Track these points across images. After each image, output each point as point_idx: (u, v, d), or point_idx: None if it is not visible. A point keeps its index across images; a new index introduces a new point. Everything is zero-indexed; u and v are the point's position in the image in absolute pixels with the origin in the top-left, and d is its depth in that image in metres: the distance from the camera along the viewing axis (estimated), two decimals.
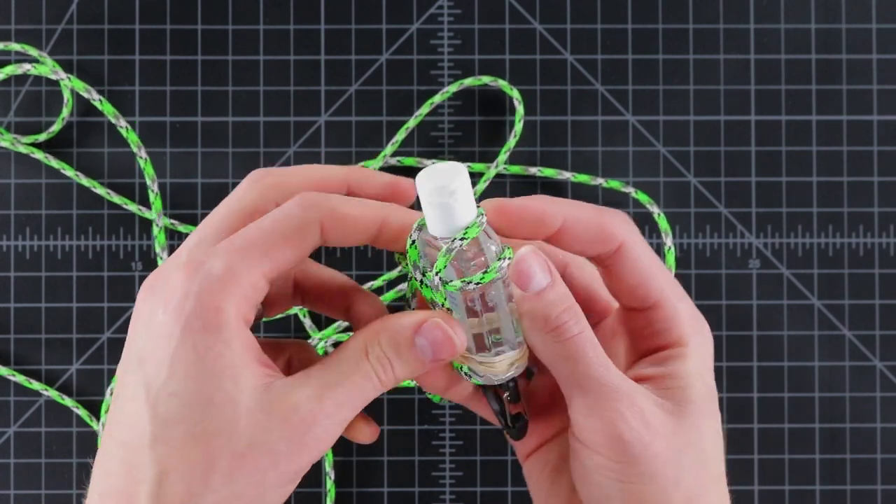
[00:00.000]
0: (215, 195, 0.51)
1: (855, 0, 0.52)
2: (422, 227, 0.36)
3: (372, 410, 0.51)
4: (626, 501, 0.36)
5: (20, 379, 0.50)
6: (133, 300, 0.50)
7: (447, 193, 0.34)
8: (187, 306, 0.34)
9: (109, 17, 0.52)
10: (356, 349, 0.37)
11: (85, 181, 0.51)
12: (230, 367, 0.34)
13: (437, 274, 0.35)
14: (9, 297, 0.51)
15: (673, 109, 0.52)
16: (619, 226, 0.39)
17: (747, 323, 0.51)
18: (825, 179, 0.52)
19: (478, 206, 0.36)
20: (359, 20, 0.52)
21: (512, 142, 0.51)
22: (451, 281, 0.35)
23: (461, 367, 0.38)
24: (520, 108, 0.51)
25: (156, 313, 0.35)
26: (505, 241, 0.37)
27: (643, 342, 0.40)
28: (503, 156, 0.50)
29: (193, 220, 0.51)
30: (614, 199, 0.52)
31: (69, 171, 0.51)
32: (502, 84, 0.51)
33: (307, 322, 0.51)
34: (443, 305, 0.36)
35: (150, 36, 0.52)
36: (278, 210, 0.36)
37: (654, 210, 0.51)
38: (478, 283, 0.35)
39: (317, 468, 0.51)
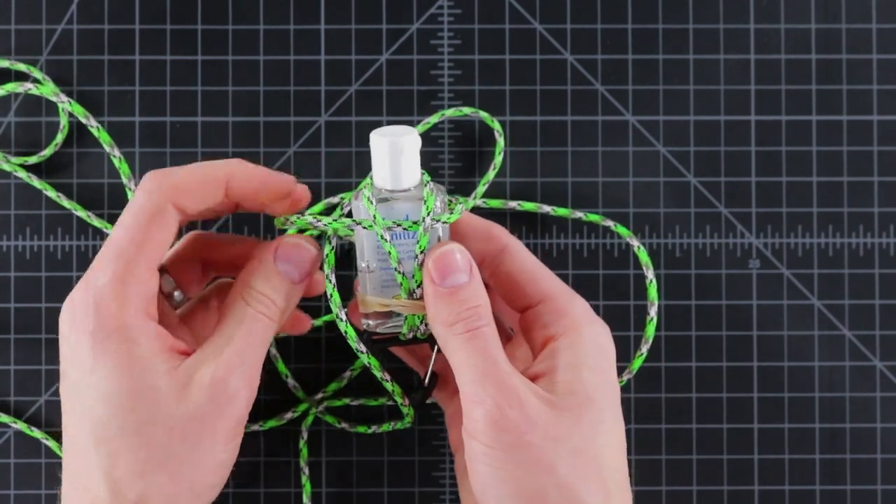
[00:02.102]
0: None
1: (855, 0, 0.52)
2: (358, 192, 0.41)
3: (373, 412, 0.51)
4: (502, 489, 0.39)
5: None
6: None
7: (398, 150, 0.40)
8: (89, 321, 0.38)
9: (109, 17, 0.52)
10: (236, 300, 0.41)
11: (66, 203, 0.50)
12: (141, 360, 0.38)
13: (428, 214, 0.40)
14: (9, 297, 0.51)
15: (673, 109, 0.52)
16: (504, 231, 0.43)
17: (747, 323, 0.51)
18: (825, 179, 0.52)
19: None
20: (359, 20, 0.52)
21: (491, 174, 0.50)
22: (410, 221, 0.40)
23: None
24: (500, 141, 0.50)
25: (70, 335, 0.39)
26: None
27: (537, 337, 0.42)
28: (482, 188, 0.50)
29: (194, 221, 0.51)
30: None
31: (51, 193, 0.50)
32: (484, 116, 0.50)
33: (290, 382, 0.51)
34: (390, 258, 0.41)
35: (150, 36, 0.52)
36: (130, 204, 0.40)
37: (634, 243, 0.50)
38: (444, 222, 0.41)
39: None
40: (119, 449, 0.38)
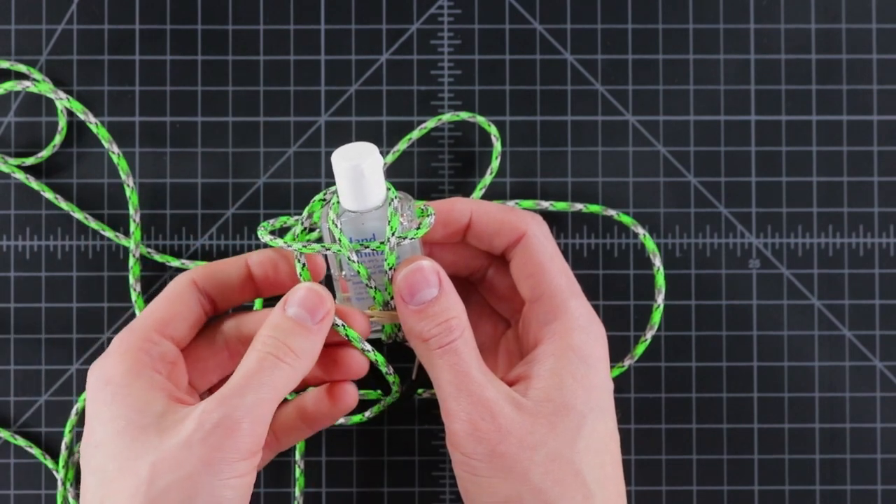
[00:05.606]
0: (215, 195, 0.51)
1: (855, 0, 0.52)
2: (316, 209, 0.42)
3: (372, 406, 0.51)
4: (482, 495, 0.40)
5: None
6: (133, 300, 0.50)
7: (360, 173, 0.39)
8: (103, 370, 0.40)
9: (109, 17, 0.52)
10: (252, 353, 0.40)
11: (64, 205, 0.50)
12: (149, 391, 0.39)
13: (393, 234, 0.40)
14: (9, 297, 0.51)
15: (673, 109, 0.52)
16: (524, 219, 0.43)
17: (747, 323, 0.51)
18: (825, 179, 0.52)
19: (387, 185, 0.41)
20: (359, 20, 0.52)
21: (488, 178, 0.50)
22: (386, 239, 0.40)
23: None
24: (497, 145, 0.50)
25: (92, 387, 0.40)
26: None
27: (531, 335, 0.43)
28: (478, 192, 0.50)
29: (193, 221, 0.51)
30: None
31: (49, 194, 0.50)
32: (480, 120, 0.50)
33: None
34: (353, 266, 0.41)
35: (150, 36, 0.52)
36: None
37: (640, 231, 0.50)
38: (412, 238, 0.41)
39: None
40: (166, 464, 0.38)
